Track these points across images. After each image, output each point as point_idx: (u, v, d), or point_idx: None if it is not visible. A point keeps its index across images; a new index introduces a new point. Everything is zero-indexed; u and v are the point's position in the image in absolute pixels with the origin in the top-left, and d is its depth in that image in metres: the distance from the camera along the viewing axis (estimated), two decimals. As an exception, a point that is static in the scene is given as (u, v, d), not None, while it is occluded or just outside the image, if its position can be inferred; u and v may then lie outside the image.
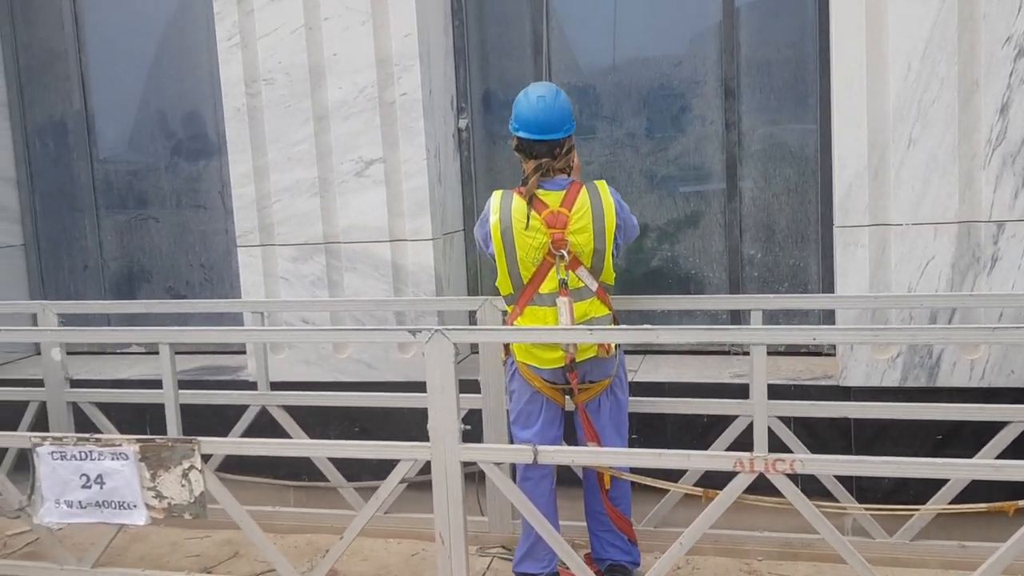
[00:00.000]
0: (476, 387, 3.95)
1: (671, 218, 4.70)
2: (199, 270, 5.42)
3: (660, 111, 4.67)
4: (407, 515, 4.20)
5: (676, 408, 3.88)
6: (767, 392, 3.79)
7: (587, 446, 3.42)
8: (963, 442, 3.79)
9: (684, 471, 3.73)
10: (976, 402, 3.65)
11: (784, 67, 4.50)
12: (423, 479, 3.60)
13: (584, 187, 3.34)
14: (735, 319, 4.66)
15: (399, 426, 4.32)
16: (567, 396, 3.50)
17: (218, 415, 4.38)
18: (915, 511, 3.57)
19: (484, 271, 4.94)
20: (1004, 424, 3.57)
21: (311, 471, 4.39)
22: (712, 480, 3.47)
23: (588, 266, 3.35)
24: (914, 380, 3.89)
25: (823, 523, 3.12)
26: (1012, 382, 3.78)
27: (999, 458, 3.45)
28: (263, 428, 4.29)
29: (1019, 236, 3.70)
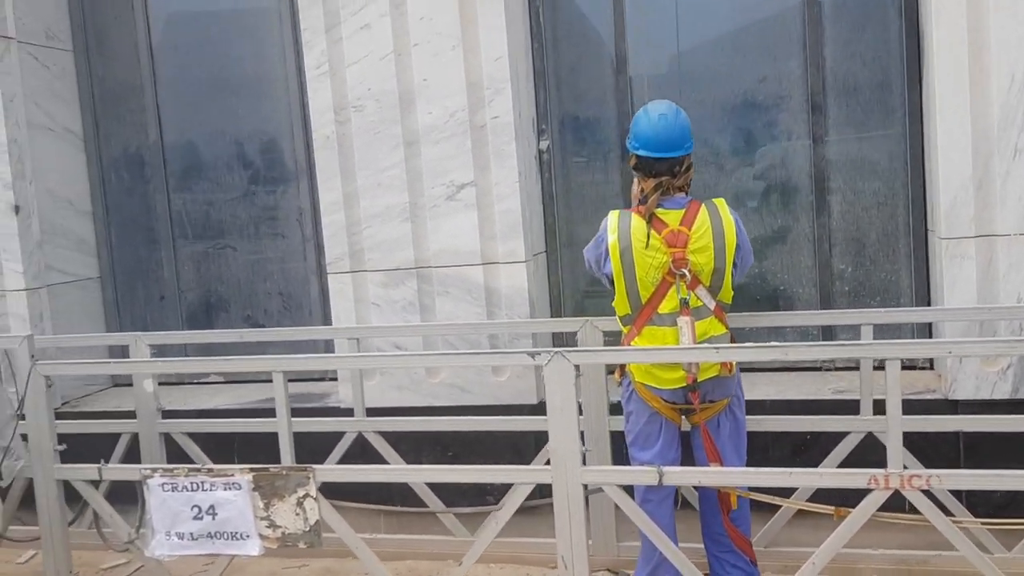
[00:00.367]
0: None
1: (758, 234, 4.68)
2: (277, 298, 5.42)
3: (745, 127, 4.66)
4: (506, 539, 4.15)
5: (790, 426, 3.84)
6: (871, 408, 3.80)
7: (708, 466, 3.39)
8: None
9: (793, 489, 3.69)
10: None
11: (870, 81, 4.49)
12: (542, 503, 3.58)
13: (703, 205, 3.33)
14: (827, 335, 4.63)
15: (491, 450, 4.30)
16: (683, 416, 3.47)
17: (299, 444, 4.33)
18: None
19: (566, 293, 4.93)
20: None
21: (402, 497, 4.38)
22: (822, 498, 3.44)
23: (707, 285, 3.33)
24: (1027, 392, 3.84)
25: (961, 539, 3.09)
26: None
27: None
28: (354, 455, 4.28)
29: None
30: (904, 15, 4.37)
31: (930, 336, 4.35)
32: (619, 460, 4.00)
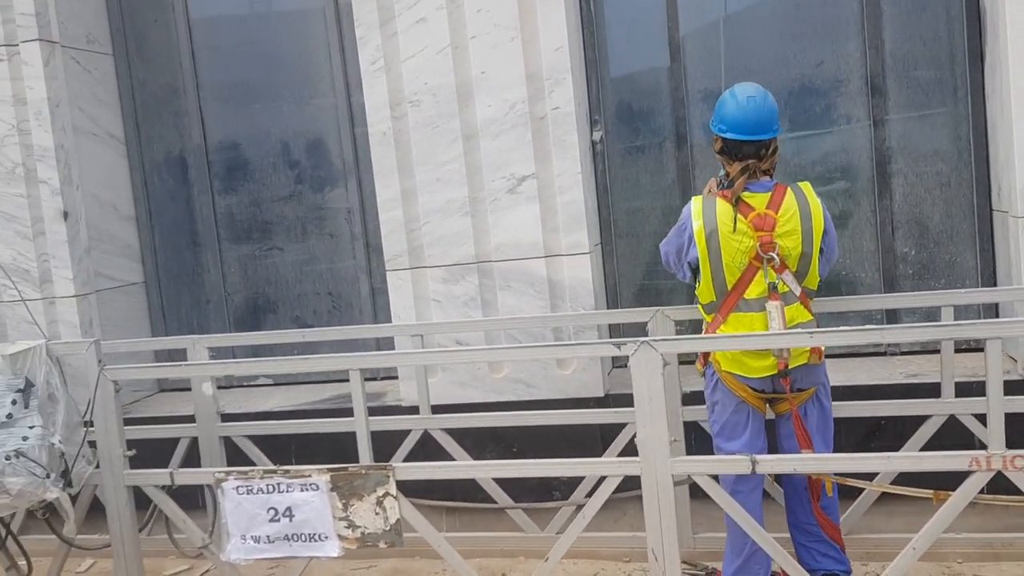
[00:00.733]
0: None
1: (820, 220, 4.61)
2: (326, 298, 5.37)
3: (804, 111, 4.60)
4: (585, 534, 4.10)
5: (871, 411, 3.78)
6: (953, 391, 3.74)
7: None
8: None
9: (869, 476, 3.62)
10: None
11: (931, 61, 4.43)
12: (631, 495, 3.52)
13: (789, 188, 3.27)
14: (891, 319, 4.56)
15: (557, 445, 4.24)
16: (767, 405, 3.41)
17: (354, 441, 4.27)
18: None
19: (622, 284, 4.87)
20: None
21: (463, 494, 4.32)
22: (903, 481, 3.37)
23: (794, 270, 3.27)
24: (1109, 370, 3.78)
25: (1068, 521, 3.02)
26: None
27: None
28: (415, 453, 4.22)
29: None
30: (964, -6, 4.32)
31: (996, 315, 4.29)
32: (695, 451, 3.95)
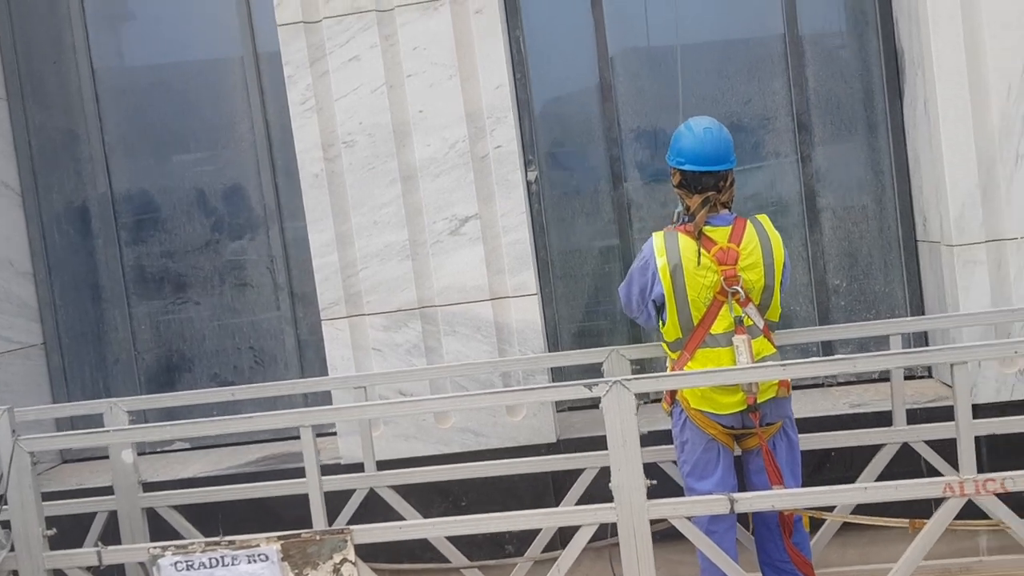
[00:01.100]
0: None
1: (755, 255, 4.66)
2: (248, 353, 5.06)
3: (735, 147, 4.61)
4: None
5: (827, 443, 3.78)
6: (905, 419, 3.79)
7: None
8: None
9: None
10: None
11: (852, 98, 4.59)
12: (607, 544, 3.39)
13: (749, 221, 3.26)
14: (826, 351, 4.64)
15: (509, 496, 4.09)
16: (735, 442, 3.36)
17: (287, 506, 3.99)
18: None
19: (562, 326, 4.79)
20: None
21: (410, 554, 4.10)
22: (863, 511, 3.40)
23: (757, 303, 3.26)
24: (1043, 391, 3.92)
25: (1039, 541, 3.07)
26: None
27: None
28: (359, 513, 3.97)
29: None
30: (880, 33, 4.49)
31: (926, 343, 4.41)
32: (655, 493, 3.85)
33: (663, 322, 3.32)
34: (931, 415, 3.99)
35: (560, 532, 3.78)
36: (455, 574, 4.05)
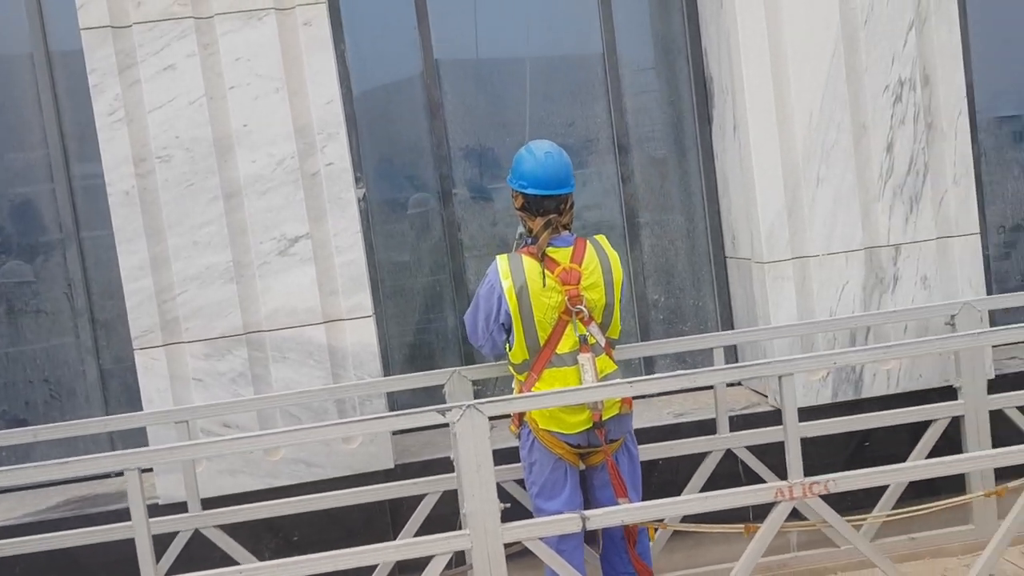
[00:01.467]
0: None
1: (581, 272, 4.79)
2: (42, 386, 4.57)
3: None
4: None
5: (658, 453, 3.91)
6: (728, 426, 4.01)
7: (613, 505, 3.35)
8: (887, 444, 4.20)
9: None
10: (897, 407, 4.05)
11: (666, 122, 4.83)
12: (460, 571, 3.32)
13: (588, 242, 3.32)
14: (647, 366, 4.83)
15: (344, 529, 3.94)
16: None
17: (99, 554, 3.64)
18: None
19: (392, 347, 4.69)
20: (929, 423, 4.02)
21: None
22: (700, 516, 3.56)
23: (599, 321, 3.33)
24: (843, 395, 4.28)
25: (859, 538, 3.35)
26: (921, 384, 4.29)
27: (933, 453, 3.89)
28: (182, 555, 3.68)
29: (913, 256, 4.25)
30: (691, 63, 4.76)
31: (736, 359, 4.69)
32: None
33: (509, 346, 3.31)
34: (747, 422, 4.25)
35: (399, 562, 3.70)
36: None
